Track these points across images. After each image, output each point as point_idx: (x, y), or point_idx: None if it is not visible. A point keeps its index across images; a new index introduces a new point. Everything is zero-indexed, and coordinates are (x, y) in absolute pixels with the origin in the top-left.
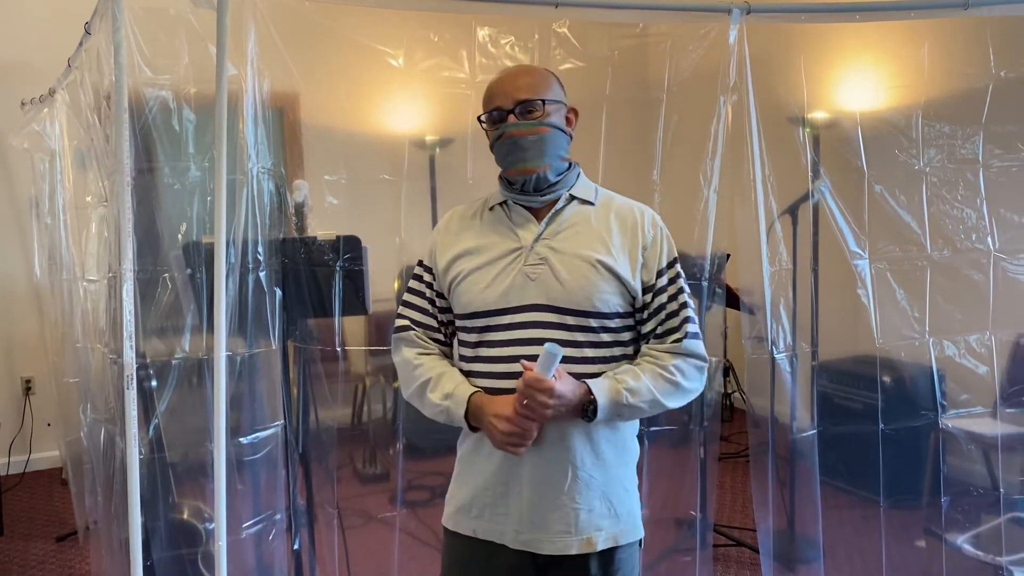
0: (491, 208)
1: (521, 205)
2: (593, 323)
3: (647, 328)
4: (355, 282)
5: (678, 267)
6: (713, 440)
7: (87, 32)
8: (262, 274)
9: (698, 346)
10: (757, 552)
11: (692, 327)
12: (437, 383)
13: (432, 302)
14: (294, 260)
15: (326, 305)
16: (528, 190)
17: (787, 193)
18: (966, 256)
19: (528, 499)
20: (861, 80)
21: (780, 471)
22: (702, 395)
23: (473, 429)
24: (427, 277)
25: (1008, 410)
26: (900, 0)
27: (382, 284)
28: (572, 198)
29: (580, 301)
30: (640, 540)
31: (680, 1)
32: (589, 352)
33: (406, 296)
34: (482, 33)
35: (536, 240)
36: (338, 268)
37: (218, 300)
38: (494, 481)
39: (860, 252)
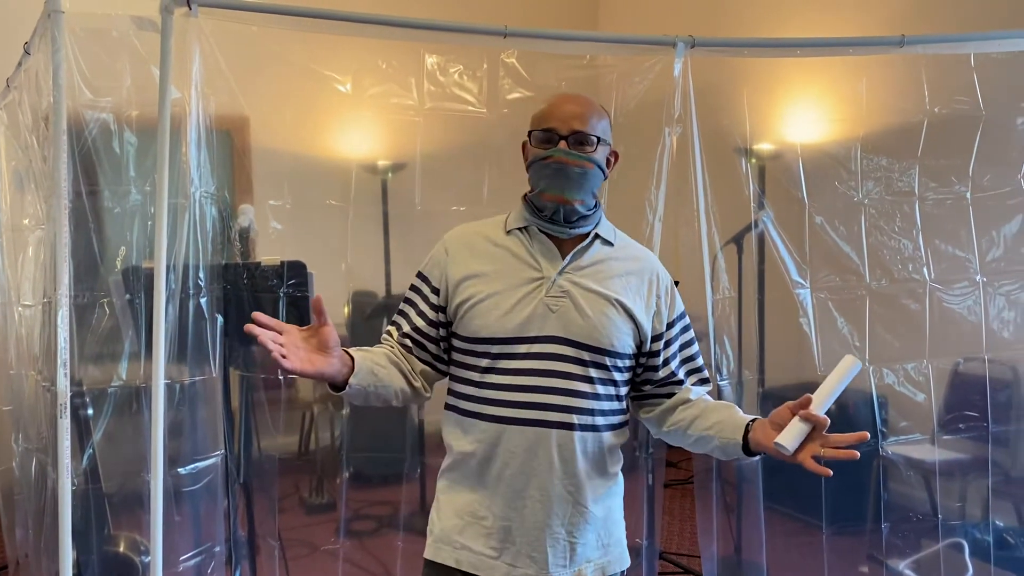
0: (508, 232)
1: (546, 233)
2: (607, 361)
3: (663, 373)
4: (299, 308)
5: (687, 317)
6: (660, 466)
7: (26, 52)
8: (203, 300)
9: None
10: None
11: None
12: None
13: (422, 315)
14: (236, 286)
15: None
16: (558, 219)
17: (731, 223)
18: (903, 286)
19: (531, 535)
20: (803, 113)
21: (727, 496)
22: None
23: (336, 389)
24: (425, 289)
25: (945, 436)
26: (839, 36)
27: (329, 310)
28: (596, 236)
29: (599, 338)
30: (624, 571)
31: (626, 33)
32: (600, 389)
33: (400, 306)
34: (430, 61)
35: (560, 273)
36: (282, 294)
37: (157, 326)
38: (497, 515)
39: (802, 281)
